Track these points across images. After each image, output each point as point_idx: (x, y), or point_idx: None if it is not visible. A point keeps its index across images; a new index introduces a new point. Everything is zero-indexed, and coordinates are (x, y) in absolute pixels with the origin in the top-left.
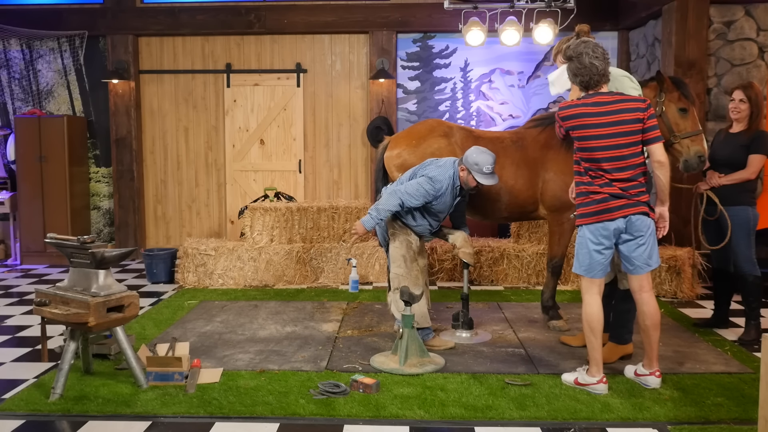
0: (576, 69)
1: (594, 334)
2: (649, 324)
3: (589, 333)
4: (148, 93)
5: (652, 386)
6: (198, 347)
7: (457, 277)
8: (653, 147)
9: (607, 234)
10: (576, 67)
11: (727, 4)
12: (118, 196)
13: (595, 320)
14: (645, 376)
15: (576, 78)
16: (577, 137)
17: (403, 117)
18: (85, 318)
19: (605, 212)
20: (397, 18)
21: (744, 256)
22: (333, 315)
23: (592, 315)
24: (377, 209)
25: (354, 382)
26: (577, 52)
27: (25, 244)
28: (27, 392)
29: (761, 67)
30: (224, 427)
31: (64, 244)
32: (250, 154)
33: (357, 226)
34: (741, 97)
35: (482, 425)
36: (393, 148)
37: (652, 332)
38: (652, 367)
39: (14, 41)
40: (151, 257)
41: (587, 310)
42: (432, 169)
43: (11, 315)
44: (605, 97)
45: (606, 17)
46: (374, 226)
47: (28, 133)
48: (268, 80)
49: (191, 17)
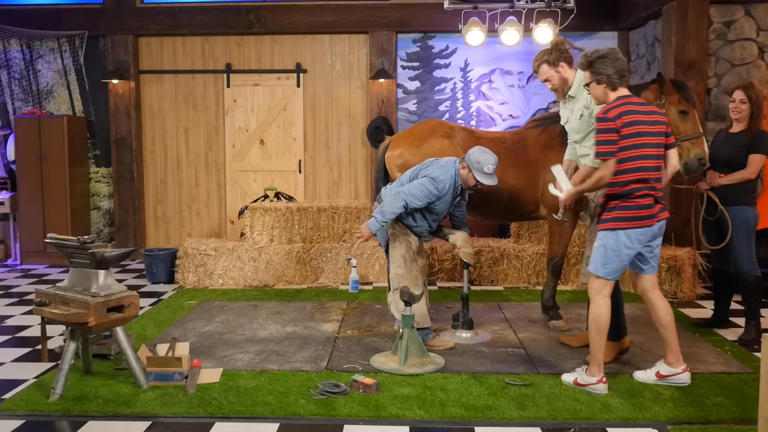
0: (613, 62)
1: (601, 335)
2: (669, 318)
3: (597, 333)
4: (148, 93)
5: (686, 383)
6: (198, 347)
7: (457, 277)
8: (671, 152)
9: (645, 238)
10: (613, 61)
11: (727, 4)
12: (118, 196)
13: (604, 321)
14: (676, 375)
15: (614, 73)
16: (631, 135)
17: (403, 117)
18: (85, 318)
19: (649, 217)
20: (397, 18)
21: (744, 256)
22: (333, 315)
23: (602, 316)
24: (382, 212)
25: (354, 382)
26: (607, 50)
27: (25, 244)
28: (27, 392)
29: (761, 67)
30: (224, 427)
31: (64, 244)
32: (250, 154)
33: (362, 229)
34: (741, 97)
35: (482, 425)
36: (394, 148)
37: (673, 326)
38: (681, 363)
39: (14, 41)
40: (151, 257)
41: (598, 311)
42: (434, 169)
43: (11, 315)
44: (638, 98)
45: (606, 17)
46: (379, 228)
47: (28, 133)
48: (268, 80)
49: (191, 17)
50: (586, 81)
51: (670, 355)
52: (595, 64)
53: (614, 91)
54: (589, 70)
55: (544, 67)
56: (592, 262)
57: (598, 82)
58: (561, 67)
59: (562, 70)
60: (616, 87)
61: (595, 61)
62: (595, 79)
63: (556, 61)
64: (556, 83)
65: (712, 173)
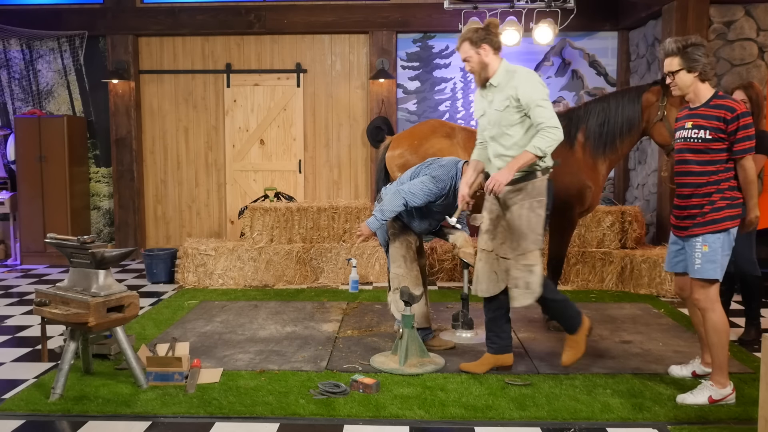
0: (707, 53)
1: (726, 343)
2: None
3: (724, 344)
4: (148, 93)
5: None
6: (198, 347)
7: (457, 277)
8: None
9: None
10: (707, 51)
11: (727, 4)
12: (118, 196)
13: (727, 328)
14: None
15: (707, 63)
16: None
17: (403, 117)
18: (85, 318)
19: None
20: (397, 18)
21: (744, 257)
22: (333, 315)
23: (725, 324)
24: (381, 210)
25: (354, 382)
26: (700, 39)
27: (25, 244)
28: (27, 392)
29: (761, 67)
30: (224, 427)
31: (64, 244)
32: (250, 154)
33: (362, 228)
34: (742, 97)
35: (482, 425)
36: (395, 148)
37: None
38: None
39: (14, 41)
40: (151, 257)
41: (722, 319)
42: (435, 168)
43: (11, 315)
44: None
45: (606, 17)
46: (379, 227)
47: (28, 133)
48: (268, 80)
49: (191, 17)
50: (673, 69)
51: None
52: (689, 50)
53: (703, 83)
54: (680, 56)
55: (465, 45)
56: (713, 270)
57: (690, 70)
58: (482, 48)
59: (483, 52)
60: (706, 79)
61: (690, 48)
62: (688, 66)
63: (479, 41)
64: (475, 66)
65: None
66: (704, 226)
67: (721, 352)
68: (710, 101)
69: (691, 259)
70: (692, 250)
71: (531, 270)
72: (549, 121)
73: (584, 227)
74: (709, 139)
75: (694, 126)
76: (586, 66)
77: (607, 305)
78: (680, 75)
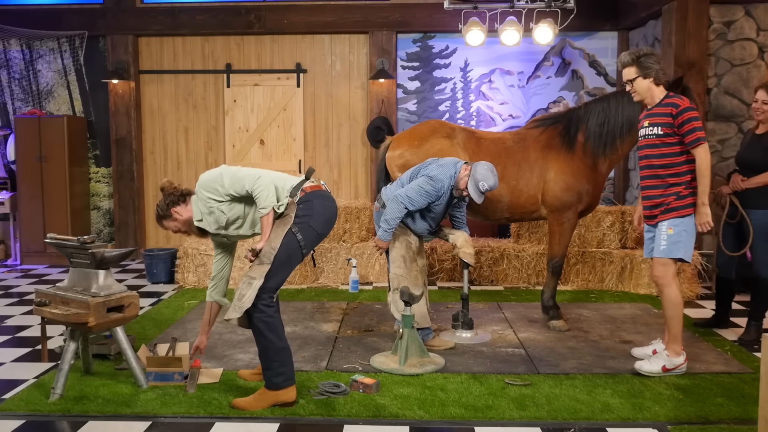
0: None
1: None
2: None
3: (679, 317)
4: (148, 93)
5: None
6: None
7: (457, 277)
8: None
9: None
10: (657, 58)
11: (727, 4)
12: (118, 196)
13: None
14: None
15: (660, 69)
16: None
17: (403, 117)
18: (85, 318)
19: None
20: (397, 18)
21: (761, 260)
22: (333, 315)
23: (680, 298)
24: (386, 221)
25: (354, 382)
26: (649, 49)
27: (25, 244)
28: (27, 392)
29: (761, 67)
30: (224, 427)
31: (64, 245)
32: (250, 154)
33: (378, 242)
34: (764, 97)
35: (482, 425)
36: (395, 149)
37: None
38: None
39: (14, 41)
40: (151, 257)
41: (678, 295)
42: (433, 168)
43: (11, 315)
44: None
45: (606, 17)
46: (391, 236)
47: (28, 133)
48: (268, 80)
49: (191, 17)
50: (631, 77)
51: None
52: (642, 59)
53: (657, 87)
54: (636, 65)
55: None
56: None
57: (645, 76)
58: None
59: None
60: (659, 83)
61: (643, 57)
62: (643, 74)
63: None
64: None
65: (736, 176)
66: (670, 212)
67: (677, 323)
68: (662, 101)
69: (658, 241)
70: (659, 234)
71: (250, 283)
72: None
73: (584, 227)
74: (662, 134)
75: (650, 124)
76: (586, 66)
77: (607, 305)
78: (637, 82)
